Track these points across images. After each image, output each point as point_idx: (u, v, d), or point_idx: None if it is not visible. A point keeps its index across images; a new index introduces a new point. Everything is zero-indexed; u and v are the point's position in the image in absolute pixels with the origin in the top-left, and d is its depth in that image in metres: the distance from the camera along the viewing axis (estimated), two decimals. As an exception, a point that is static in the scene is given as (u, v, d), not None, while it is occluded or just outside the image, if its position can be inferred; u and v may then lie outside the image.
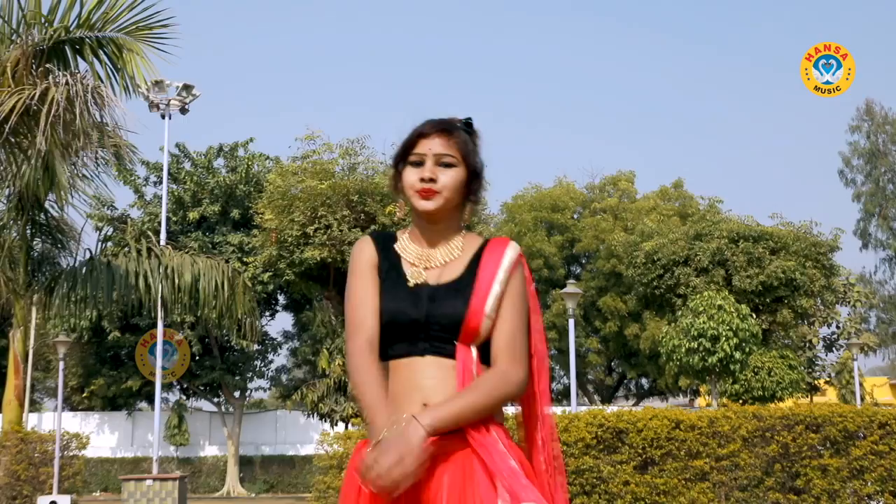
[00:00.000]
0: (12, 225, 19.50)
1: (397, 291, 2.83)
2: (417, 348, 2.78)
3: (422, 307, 2.77)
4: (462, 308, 2.76)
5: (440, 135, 2.84)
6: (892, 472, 11.23)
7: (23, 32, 11.42)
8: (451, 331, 2.76)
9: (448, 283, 2.82)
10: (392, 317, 2.80)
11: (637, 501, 10.92)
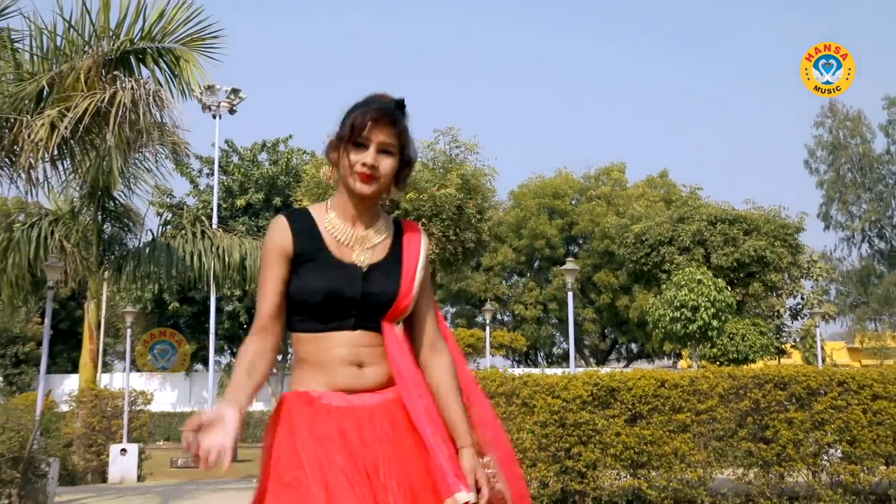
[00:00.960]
0: (86, 211, 19.58)
1: (330, 270, 2.73)
2: (348, 323, 2.71)
3: (356, 286, 2.70)
4: (394, 289, 2.72)
5: (387, 125, 2.73)
6: (849, 423, 11.22)
7: (94, 44, 11.44)
8: (381, 309, 2.72)
9: (377, 264, 2.76)
10: (327, 294, 2.69)
11: (627, 450, 10.93)
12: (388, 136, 2.73)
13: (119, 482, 18.11)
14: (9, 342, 44.96)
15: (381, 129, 2.72)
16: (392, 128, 2.73)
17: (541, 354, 50.65)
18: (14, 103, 11.48)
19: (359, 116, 2.72)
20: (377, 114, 2.71)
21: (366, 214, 2.81)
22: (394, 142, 2.75)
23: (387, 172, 2.74)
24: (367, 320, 2.72)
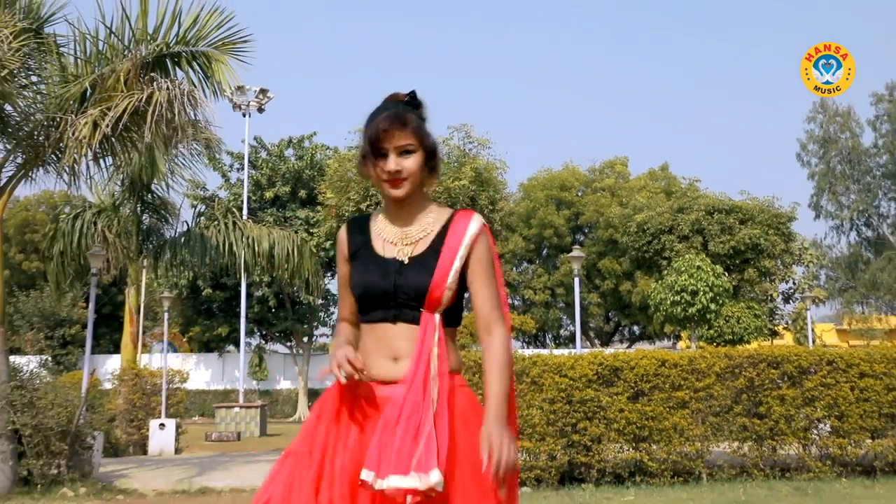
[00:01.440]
0: (126, 204, 19.64)
1: (369, 265, 2.76)
2: (389, 314, 2.71)
3: (390, 280, 2.69)
4: (426, 280, 2.68)
5: (397, 127, 2.71)
6: (837, 400, 11.21)
7: (133, 48, 11.47)
8: (417, 300, 2.69)
9: (416, 257, 2.74)
10: (365, 289, 2.73)
11: (630, 425, 10.95)
12: (403, 138, 2.72)
13: (158, 454, 18.23)
14: (56, 325, 45.19)
15: (395, 135, 2.71)
16: (404, 129, 2.72)
17: (549, 336, 50.59)
18: (60, 104, 11.54)
19: (372, 129, 2.72)
20: (387, 123, 2.70)
21: (408, 212, 2.81)
22: (411, 141, 2.73)
23: (413, 170, 2.73)
24: (408, 311, 2.71)
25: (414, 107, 2.81)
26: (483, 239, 2.81)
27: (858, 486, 10.48)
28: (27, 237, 46.97)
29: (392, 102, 2.79)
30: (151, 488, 11.55)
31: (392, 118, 2.71)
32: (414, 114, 2.78)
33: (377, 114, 2.75)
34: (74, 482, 11.49)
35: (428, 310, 2.69)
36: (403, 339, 2.70)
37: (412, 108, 2.80)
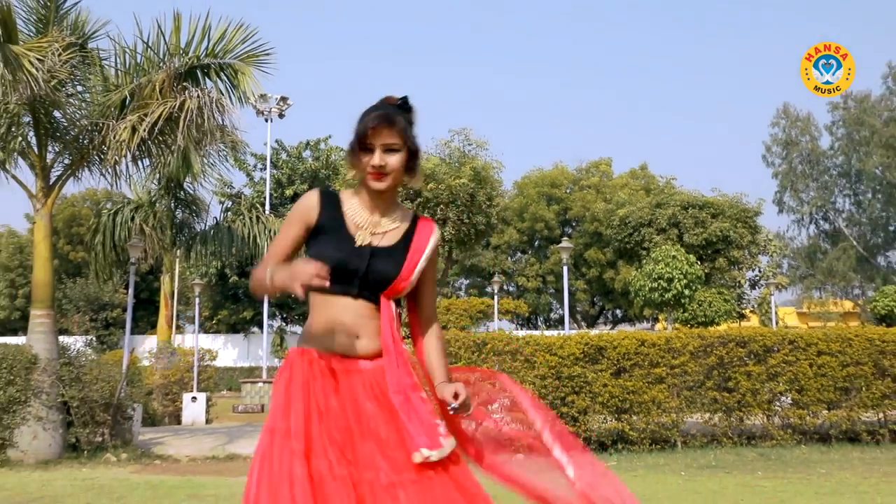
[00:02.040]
0: (161, 200, 19.68)
1: (344, 245, 2.71)
2: (351, 290, 2.68)
3: (363, 262, 2.68)
4: (395, 271, 2.70)
5: (386, 127, 2.68)
6: (798, 375, 11.24)
7: (167, 60, 11.47)
8: (381, 285, 2.70)
9: (386, 248, 2.73)
10: (339, 263, 2.65)
11: (613, 398, 10.98)
12: (390, 137, 2.69)
13: (191, 424, 18.27)
14: (99, 308, 45.27)
15: (382, 132, 2.68)
16: (392, 128, 2.69)
17: (540, 319, 50.63)
18: (102, 110, 11.54)
19: (361, 125, 2.70)
20: (376, 121, 2.68)
21: (382, 205, 2.79)
22: (396, 140, 2.71)
23: (395, 167, 2.71)
24: (369, 292, 2.70)
25: (404, 110, 2.78)
26: (437, 249, 2.87)
27: (816, 451, 10.52)
28: (74, 230, 47.01)
29: (385, 104, 2.76)
30: (185, 454, 11.59)
31: (381, 117, 2.70)
32: (403, 117, 2.75)
33: (369, 112, 2.73)
34: (116, 448, 11.54)
35: (386, 296, 2.71)
36: (361, 315, 2.70)
37: (402, 112, 2.77)
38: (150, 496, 7.82)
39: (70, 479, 9.16)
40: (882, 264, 48.36)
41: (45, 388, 10.98)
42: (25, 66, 10.13)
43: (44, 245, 11.73)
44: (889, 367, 11.35)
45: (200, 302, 28.99)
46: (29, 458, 10.68)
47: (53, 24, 11.24)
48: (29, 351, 11.18)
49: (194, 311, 30.71)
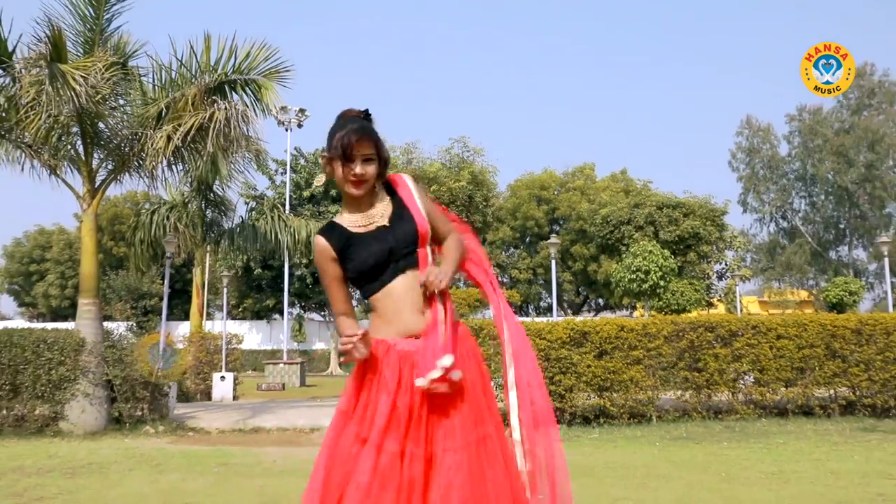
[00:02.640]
0: (193, 201, 19.68)
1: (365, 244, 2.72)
2: (397, 269, 2.69)
3: (389, 239, 2.70)
4: (412, 225, 2.73)
5: (365, 140, 2.71)
6: (759, 356, 11.26)
7: (198, 77, 11.49)
8: (413, 242, 2.72)
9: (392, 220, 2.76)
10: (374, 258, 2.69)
11: (595, 378, 11.00)
12: (368, 148, 2.72)
13: (220, 400, 18.32)
14: (139, 297, 45.37)
15: (362, 145, 2.71)
16: (369, 141, 2.72)
17: (531, 307, 50.61)
18: (141, 121, 11.57)
19: (344, 138, 2.70)
20: (357, 134, 2.70)
21: (366, 203, 2.80)
22: (372, 151, 2.74)
23: (371, 174, 2.74)
24: (406, 258, 2.71)
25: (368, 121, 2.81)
26: (418, 186, 2.89)
27: (774, 424, 10.55)
28: (116, 228, 47.03)
29: (352, 118, 2.78)
30: (214, 427, 11.63)
31: (362, 131, 2.72)
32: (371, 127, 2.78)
33: (345, 126, 2.74)
34: (154, 422, 11.59)
35: (421, 246, 2.73)
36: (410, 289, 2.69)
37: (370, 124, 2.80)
38: (184, 464, 7.87)
39: (114, 449, 9.21)
40: (833, 258, 48.57)
41: (91, 368, 11.04)
42: (70, 83, 10.16)
43: (90, 241, 11.77)
44: (839, 350, 11.38)
45: (228, 291, 28.97)
46: (78, 429, 10.74)
47: (98, 45, 11.27)
48: (77, 335, 11.23)
49: (222, 299, 30.69)
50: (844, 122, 47.16)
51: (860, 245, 48.41)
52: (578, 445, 9.03)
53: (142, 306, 45.56)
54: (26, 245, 55.78)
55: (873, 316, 11.85)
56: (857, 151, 45.72)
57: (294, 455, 8.46)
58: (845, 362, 11.38)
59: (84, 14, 11.35)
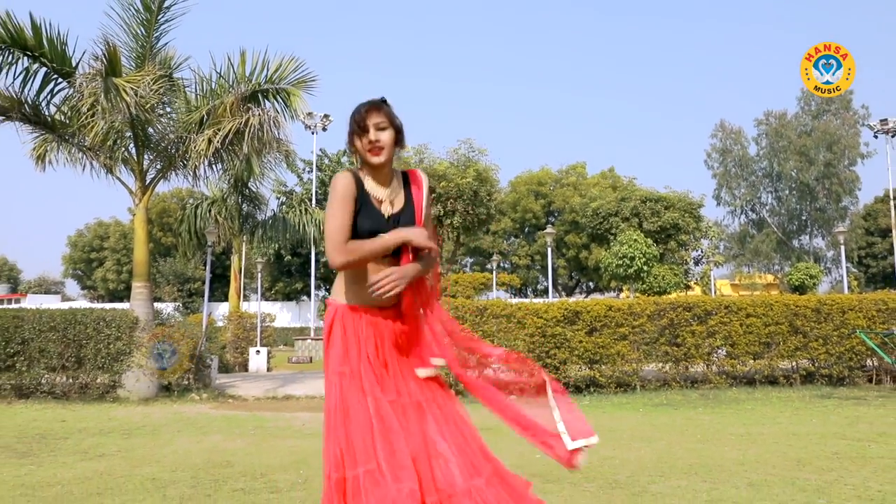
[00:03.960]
0: (230, 196, 19.72)
1: (376, 218, 2.68)
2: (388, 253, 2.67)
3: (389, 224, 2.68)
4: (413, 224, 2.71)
5: (374, 110, 2.69)
6: (731, 333, 11.26)
7: (235, 87, 11.50)
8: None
9: (400, 211, 2.72)
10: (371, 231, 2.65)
11: (586, 352, 11.02)
12: (379, 117, 2.70)
13: (255, 372, 18.41)
14: (184, 281, 45.61)
15: (372, 115, 2.69)
16: (379, 111, 2.71)
17: (529, 289, 50.64)
18: (185, 126, 11.60)
19: (356, 114, 2.71)
20: (366, 106, 2.70)
21: (384, 177, 2.76)
22: (384, 119, 2.71)
23: (388, 141, 2.70)
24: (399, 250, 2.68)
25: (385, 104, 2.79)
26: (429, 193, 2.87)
27: (744, 392, 10.56)
28: (164, 220, 47.27)
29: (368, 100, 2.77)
30: (251, 395, 11.70)
31: (370, 104, 2.72)
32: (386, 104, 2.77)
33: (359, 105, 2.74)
34: (199, 390, 11.67)
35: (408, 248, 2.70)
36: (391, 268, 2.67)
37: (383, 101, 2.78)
38: (224, 426, 7.92)
39: (164, 413, 9.28)
40: (796, 246, 48.69)
41: (144, 343, 11.12)
42: (122, 95, 10.19)
43: (142, 232, 11.83)
44: (801, 326, 11.36)
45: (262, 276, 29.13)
46: (133, 396, 10.83)
47: (149, 59, 11.29)
48: (132, 314, 11.30)
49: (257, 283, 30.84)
50: (806, 125, 47.47)
51: (819, 235, 48.63)
52: (571, 411, 9.04)
53: (187, 289, 45.83)
54: (87, 236, 56.21)
55: (831, 297, 11.84)
56: (817, 152, 46.00)
57: (320, 419, 8.51)
58: (806, 338, 11.38)
59: (136, 33, 11.37)
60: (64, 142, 11.63)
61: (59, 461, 5.75)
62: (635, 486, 4.57)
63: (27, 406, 10.09)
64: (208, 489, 4.63)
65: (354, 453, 2.47)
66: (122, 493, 4.57)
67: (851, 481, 4.65)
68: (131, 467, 5.45)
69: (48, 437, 7.14)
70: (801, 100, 48.00)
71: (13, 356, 10.88)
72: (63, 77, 10.91)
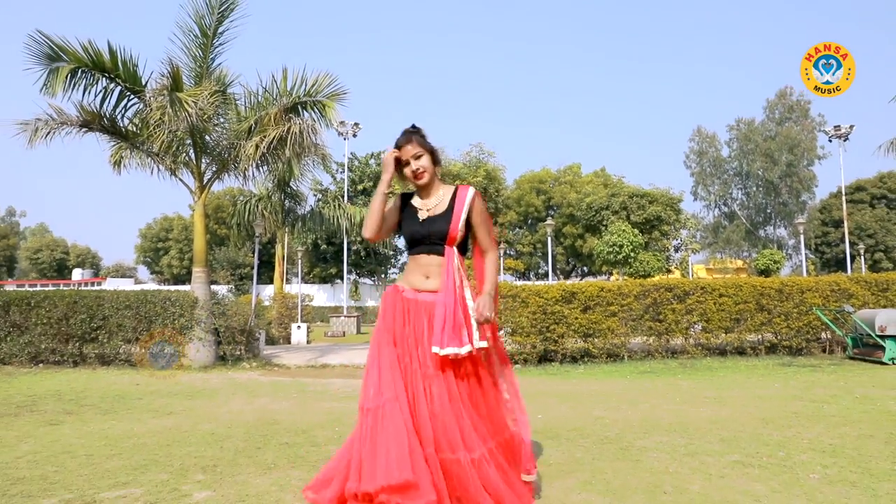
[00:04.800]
0: (274, 193, 19.80)
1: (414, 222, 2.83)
2: (426, 249, 2.81)
3: (426, 229, 2.79)
4: (446, 227, 2.78)
5: (408, 143, 2.79)
6: (706, 310, 11.21)
7: (278, 99, 11.51)
8: (442, 238, 2.79)
9: (438, 215, 2.81)
10: (409, 235, 2.83)
11: (581, 327, 11.02)
12: (414, 148, 2.80)
13: (297, 344, 18.53)
14: (236, 267, 45.94)
15: (407, 148, 2.79)
16: (411, 142, 2.80)
17: (531, 273, 50.54)
18: (236, 134, 11.64)
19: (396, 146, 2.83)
20: (402, 140, 2.82)
21: (428, 192, 2.86)
22: (419, 149, 2.80)
23: (427, 166, 2.81)
24: (435, 246, 2.79)
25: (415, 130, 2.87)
26: (478, 200, 2.91)
27: (716, 361, 10.53)
28: (218, 214, 47.53)
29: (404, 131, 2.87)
30: (293, 363, 11.79)
31: (404, 136, 2.82)
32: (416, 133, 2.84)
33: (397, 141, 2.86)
34: (249, 359, 11.77)
35: (448, 244, 2.80)
36: (433, 264, 2.80)
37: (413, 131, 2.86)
38: (271, 390, 8.01)
39: (220, 379, 9.39)
40: (762, 235, 48.51)
41: (203, 319, 11.22)
42: (185, 107, 10.25)
43: (200, 224, 11.92)
44: (766, 304, 11.30)
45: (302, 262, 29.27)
46: (194, 364, 10.95)
47: (205, 77, 11.33)
48: (192, 295, 11.41)
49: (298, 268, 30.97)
50: (771, 131, 47.36)
51: (782, 225, 48.43)
52: (568, 378, 9.07)
53: (238, 273, 46.18)
54: (155, 228, 56.70)
55: (791, 279, 11.76)
56: (780, 154, 45.90)
57: (354, 385, 8.59)
58: (770, 314, 11.31)
59: (195, 55, 11.40)
60: (135, 149, 11.71)
61: (135, 417, 5.86)
62: (623, 441, 4.60)
63: (108, 371, 10.25)
64: (258, 443, 4.70)
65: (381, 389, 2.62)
66: (187, 445, 4.66)
67: (808, 436, 4.66)
68: (194, 424, 5.54)
69: (125, 397, 7.25)
70: (767, 108, 48.16)
71: (96, 330, 11.05)
72: (134, 94, 10.99)
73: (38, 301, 11.18)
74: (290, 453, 4.31)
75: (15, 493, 3.45)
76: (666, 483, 3.49)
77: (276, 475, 3.74)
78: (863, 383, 7.68)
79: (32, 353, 10.96)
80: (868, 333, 10.38)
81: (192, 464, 4.05)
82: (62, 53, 10.21)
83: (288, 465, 3.94)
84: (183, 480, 3.67)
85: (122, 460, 4.17)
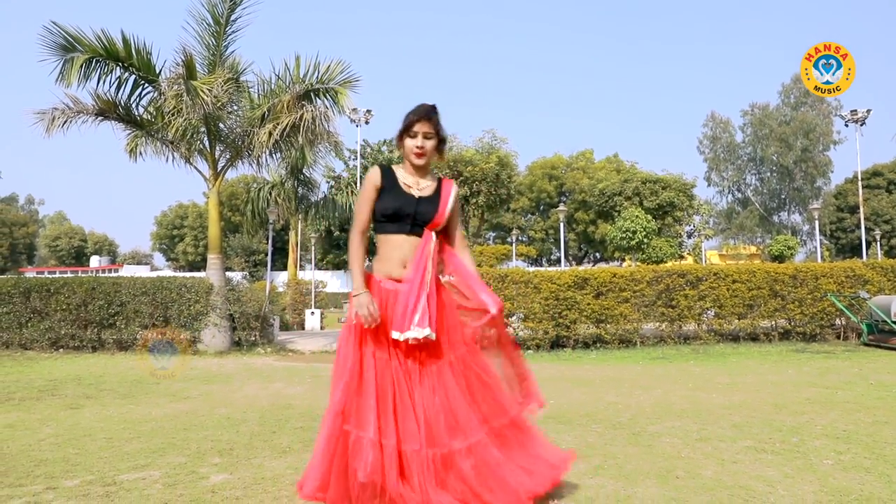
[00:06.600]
0: (288, 181, 19.86)
1: (400, 197, 2.72)
2: (405, 229, 2.71)
3: (412, 207, 2.71)
4: (434, 211, 2.73)
5: (426, 120, 2.71)
6: (719, 296, 11.15)
7: (291, 87, 11.50)
8: (426, 222, 2.72)
9: (426, 197, 2.75)
10: (395, 210, 2.70)
11: (594, 313, 11.00)
12: (428, 127, 2.72)
13: (311, 330, 18.62)
14: (250, 254, 46.17)
15: (423, 124, 2.71)
16: (429, 122, 2.72)
17: (544, 259, 50.44)
18: (249, 122, 11.66)
19: (409, 117, 2.72)
20: (418, 115, 2.71)
21: (420, 173, 2.79)
22: (431, 130, 2.73)
23: (430, 149, 2.74)
24: (416, 228, 2.73)
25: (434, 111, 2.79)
26: (457, 197, 2.88)
27: (729, 348, 10.48)
28: (233, 202, 47.72)
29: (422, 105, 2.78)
30: (307, 349, 11.85)
31: (423, 113, 2.72)
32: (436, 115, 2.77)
33: (414, 109, 2.75)
34: (264, 345, 11.85)
35: (429, 229, 2.74)
36: (411, 247, 2.72)
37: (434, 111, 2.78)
38: (286, 375, 8.06)
39: (235, 364, 9.46)
40: (776, 221, 48.02)
41: (218, 305, 11.30)
42: (200, 95, 10.27)
43: (214, 212, 11.98)
44: (779, 290, 11.22)
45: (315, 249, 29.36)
46: (210, 349, 11.04)
47: (219, 65, 11.33)
48: (207, 281, 11.48)
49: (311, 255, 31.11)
50: (786, 116, 46.73)
51: (796, 211, 47.96)
52: (581, 363, 9.07)
53: (252, 260, 46.43)
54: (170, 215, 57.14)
55: (806, 265, 11.65)
56: (795, 139, 45.31)
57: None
58: (784, 300, 11.23)
59: (208, 43, 11.40)
60: (150, 137, 11.76)
61: (153, 402, 5.93)
62: (636, 426, 4.60)
63: (126, 356, 10.36)
64: (273, 427, 4.74)
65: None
66: (204, 428, 4.71)
67: (821, 422, 4.63)
68: (210, 408, 5.60)
69: (143, 382, 7.33)
70: (782, 93, 47.49)
71: (114, 316, 11.17)
72: (149, 83, 11.03)
73: (58, 288, 11.32)
74: (304, 437, 4.34)
75: (38, 474, 3.51)
76: (678, 468, 3.48)
77: (290, 459, 3.77)
78: (877, 370, 7.62)
79: (53, 338, 11.11)
80: (883, 320, 10.28)
81: (209, 447, 4.10)
82: (76, 44, 10.25)
83: (302, 449, 3.98)
84: (200, 463, 3.71)
85: (140, 443, 4.22)
